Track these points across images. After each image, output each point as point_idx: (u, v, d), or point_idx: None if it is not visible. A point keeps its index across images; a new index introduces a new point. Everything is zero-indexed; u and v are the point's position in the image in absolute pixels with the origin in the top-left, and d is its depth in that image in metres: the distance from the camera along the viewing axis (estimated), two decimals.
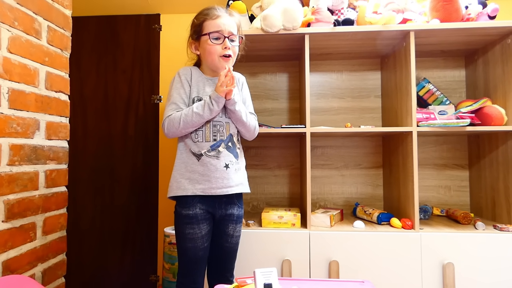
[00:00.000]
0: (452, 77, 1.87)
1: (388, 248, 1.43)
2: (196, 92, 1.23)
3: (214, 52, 1.21)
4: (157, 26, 2.11)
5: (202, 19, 1.24)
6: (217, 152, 1.19)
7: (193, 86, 1.24)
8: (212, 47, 1.21)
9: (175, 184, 1.20)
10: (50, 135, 1.25)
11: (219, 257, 1.26)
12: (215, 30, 1.21)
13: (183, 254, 1.20)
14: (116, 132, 2.11)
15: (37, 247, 1.19)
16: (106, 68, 2.13)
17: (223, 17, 1.22)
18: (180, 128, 1.16)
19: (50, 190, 1.26)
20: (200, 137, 1.20)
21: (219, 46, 1.21)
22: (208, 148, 1.19)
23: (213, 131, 1.20)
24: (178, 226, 1.21)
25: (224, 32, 1.21)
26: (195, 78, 1.25)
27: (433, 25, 1.47)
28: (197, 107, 1.16)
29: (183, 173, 1.19)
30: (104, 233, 2.09)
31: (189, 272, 1.20)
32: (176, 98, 1.21)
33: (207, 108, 1.15)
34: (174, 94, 1.21)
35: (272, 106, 1.95)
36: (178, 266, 1.22)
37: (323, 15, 1.53)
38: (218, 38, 1.21)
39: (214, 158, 1.18)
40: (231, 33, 1.23)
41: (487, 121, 1.50)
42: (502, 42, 1.55)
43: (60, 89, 1.30)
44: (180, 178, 1.19)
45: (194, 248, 1.18)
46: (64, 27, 1.31)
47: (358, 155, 1.89)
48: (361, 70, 1.91)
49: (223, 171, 1.19)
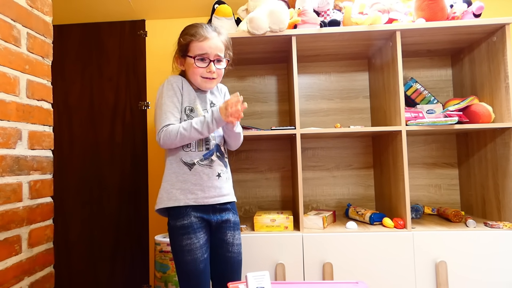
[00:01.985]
0: (439, 76, 1.89)
1: (381, 248, 1.42)
2: (188, 102, 1.20)
3: (198, 73, 1.20)
4: (142, 32, 2.09)
5: (189, 40, 1.20)
6: (210, 161, 1.18)
7: (185, 95, 1.21)
8: (196, 69, 1.20)
9: (165, 195, 1.16)
10: (33, 144, 1.21)
11: (223, 271, 1.19)
12: (201, 53, 1.19)
13: (183, 269, 1.13)
14: (103, 140, 2.07)
15: (23, 260, 1.15)
16: (91, 76, 2.10)
17: (211, 39, 1.19)
18: (177, 141, 1.13)
19: (34, 202, 1.22)
20: (192, 147, 1.17)
21: (204, 69, 1.19)
22: (200, 157, 1.17)
23: (205, 140, 1.19)
24: (174, 240, 1.15)
25: (210, 56, 1.19)
26: (186, 87, 1.22)
27: (419, 25, 1.48)
28: (196, 123, 1.13)
29: (174, 183, 1.16)
30: (94, 243, 2.04)
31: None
32: (170, 106, 1.17)
33: (206, 126, 1.12)
34: (167, 102, 1.17)
35: (261, 109, 1.94)
36: (180, 285, 1.16)
37: (309, 17, 1.53)
38: (203, 61, 1.19)
39: (207, 168, 1.17)
40: (217, 56, 1.21)
41: (475, 119, 1.51)
42: (487, 40, 1.57)
43: (42, 98, 1.26)
44: (171, 189, 1.16)
45: (194, 260, 1.12)
46: (45, 34, 1.28)
47: (349, 156, 1.89)
48: (349, 71, 1.92)
49: (215, 180, 1.17)
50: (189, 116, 1.19)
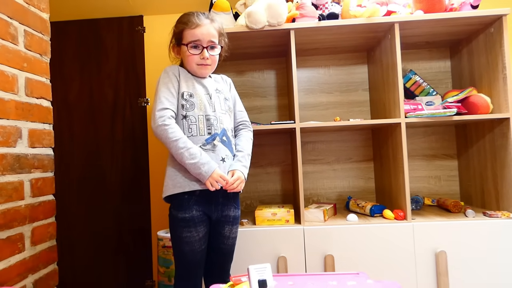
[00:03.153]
0: (438, 68, 1.89)
1: (381, 240, 1.43)
2: (186, 87, 1.21)
3: (192, 60, 1.22)
4: (140, 28, 2.08)
5: (181, 28, 1.23)
6: (213, 145, 1.18)
7: (182, 81, 1.22)
8: (190, 56, 1.21)
9: (170, 183, 1.17)
10: (33, 142, 1.21)
11: (215, 259, 1.24)
12: (193, 39, 1.20)
13: (181, 258, 1.17)
14: (104, 137, 2.07)
15: (26, 258, 1.16)
16: (90, 73, 2.09)
17: (203, 25, 1.20)
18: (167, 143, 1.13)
19: (36, 199, 1.22)
20: (194, 131, 1.18)
21: (197, 56, 1.21)
22: (203, 142, 1.17)
23: (207, 124, 1.19)
24: (175, 230, 1.18)
25: (202, 42, 1.21)
26: (183, 75, 1.24)
27: (417, 16, 1.47)
28: (192, 153, 1.11)
29: (178, 170, 1.17)
30: (97, 240, 2.05)
31: (188, 276, 1.18)
32: (165, 92, 1.18)
33: (197, 169, 1.11)
34: (162, 89, 1.18)
35: (261, 104, 1.94)
36: (176, 270, 1.20)
37: (308, 10, 1.52)
38: (196, 48, 1.21)
39: (210, 152, 1.17)
40: (211, 42, 1.22)
41: (473, 110, 1.51)
42: (485, 31, 1.57)
43: (41, 95, 1.26)
44: (175, 176, 1.17)
45: (192, 251, 1.16)
46: (42, 31, 1.28)
47: (349, 149, 1.90)
48: (348, 64, 1.92)
49: (219, 164, 1.17)
50: (188, 101, 1.20)
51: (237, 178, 1.18)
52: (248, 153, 1.27)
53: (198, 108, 1.20)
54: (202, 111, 1.20)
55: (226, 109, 1.27)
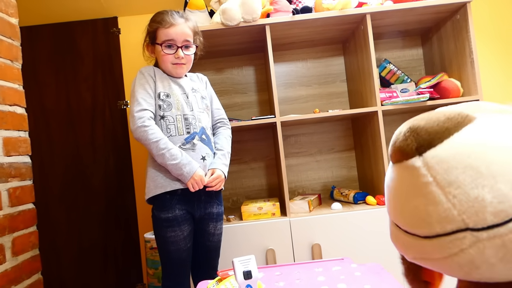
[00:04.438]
0: (411, 56, 1.95)
1: (366, 225, 1.47)
2: (162, 87, 1.21)
3: (167, 60, 1.21)
4: (115, 30, 2.05)
5: (155, 27, 1.21)
6: (192, 144, 1.18)
7: (158, 82, 1.21)
8: (165, 56, 1.20)
9: (152, 184, 1.17)
10: (8, 151, 1.18)
11: (202, 256, 1.25)
12: (167, 39, 1.19)
13: (167, 258, 1.17)
14: (84, 142, 2.04)
15: (8, 270, 1.13)
16: (66, 77, 2.05)
17: (177, 25, 1.19)
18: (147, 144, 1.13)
19: (15, 209, 1.19)
20: (173, 131, 1.17)
21: (172, 55, 1.20)
22: (182, 141, 1.17)
23: (185, 124, 1.19)
24: (159, 231, 1.18)
25: (177, 42, 1.20)
26: (158, 75, 1.23)
27: (387, 7, 1.52)
28: (173, 154, 1.11)
29: (158, 171, 1.16)
30: (83, 247, 2.02)
31: (174, 275, 1.18)
32: (142, 93, 1.17)
33: (178, 170, 1.12)
34: (139, 90, 1.17)
35: (241, 100, 1.95)
36: (162, 270, 1.20)
37: (282, 5, 1.54)
38: (171, 47, 1.20)
39: (190, 151, 1.17)
40: (185, 42, 1.21)
41: (445, 94, 1.57)
42: (452, 18, 1.63)
43: (14, 102, 1.23)
44: (156, 177, 1.16)
45: (178, 250, 1.16)
46: (12, 37, 1.24)
47: (330, 140, 1.93)
48: (325, 57, 1.95)
49: (200, 163, 1.17)
50: (164, 101, 1.19)
51: (216, 177, 1.19)
52: (228, 151, 1.29)
53: (175, 108, 1.19)
54: (179, 110, 1.19)
55: (203, 107, 1.27)
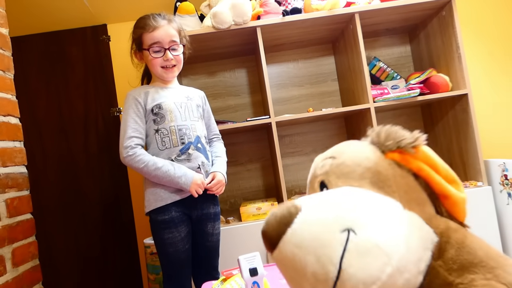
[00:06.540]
0: (400, 53, 1.99)
1: None
2: (153, 101, 1.20)
3: (156, 64, 1.21)
4: (105, 37, 2.04)
5: (140, 33, 1.21)
6: (188, 155, 1.19)
7: (149, 98, 1.20)
8: (153, 60, 1.20)
9: (152, 197, 1.17)
10: (5, 162, 1.18)
11: (202, 257, 1.25)
12: (153, 42, 1.19)
13: (166, 259, 1.18)
14: (78, 151, 2.02)
15: (9, 281, 1.12)
16: (57, 86, 2.03)
17: (161, 27, 1.19)
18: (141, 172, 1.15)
19: (14, 220, 1.18)
20: (167, 143, 1.18)
21: (161, 58, 1.20)
22: (177, 153, 1.18)
23: (180, 134, 1.19)
24: (156, 233, 1.18)
25: (163, 44, 1.19)
26: (151, 92, 1.22)
27: (375, 6, 1.55)
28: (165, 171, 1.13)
29: (157, 184, 1.17)
30: (81, 257, 2.00)
31: (175, 277, 1.19)
32: (128, 120, 1.17)
33: (175, 184, 1.14)
34: (125, 117, 1.18)
35: (235, 103, 1.96)
36: (163, 273, 1.21)
37: (271, 7, 1.56)
38: (158, 51, 1.20)
39: (186, 162, 1.18)
40: (172, 43, 1.21)
41: (435, 89, 1.61)
42: (438, 15, 1.67)
43: (8, 113, 1.22)
44: (155, 191, 1.17)
45: (176, 252, 1.16)
46: (3, 47, 1.24)
47: (324, 138, 1.96)
48: (316, 57, 1.98)
49: (197, 172, 1.18)
50: (158, 114, 1.19)
51: (217, 182, 1.21)
52: (225, 159, 1.33)
53: (168, 120, 1.19)
54: (173, 122, 1.19)
55: (198, 116, 1.26)
